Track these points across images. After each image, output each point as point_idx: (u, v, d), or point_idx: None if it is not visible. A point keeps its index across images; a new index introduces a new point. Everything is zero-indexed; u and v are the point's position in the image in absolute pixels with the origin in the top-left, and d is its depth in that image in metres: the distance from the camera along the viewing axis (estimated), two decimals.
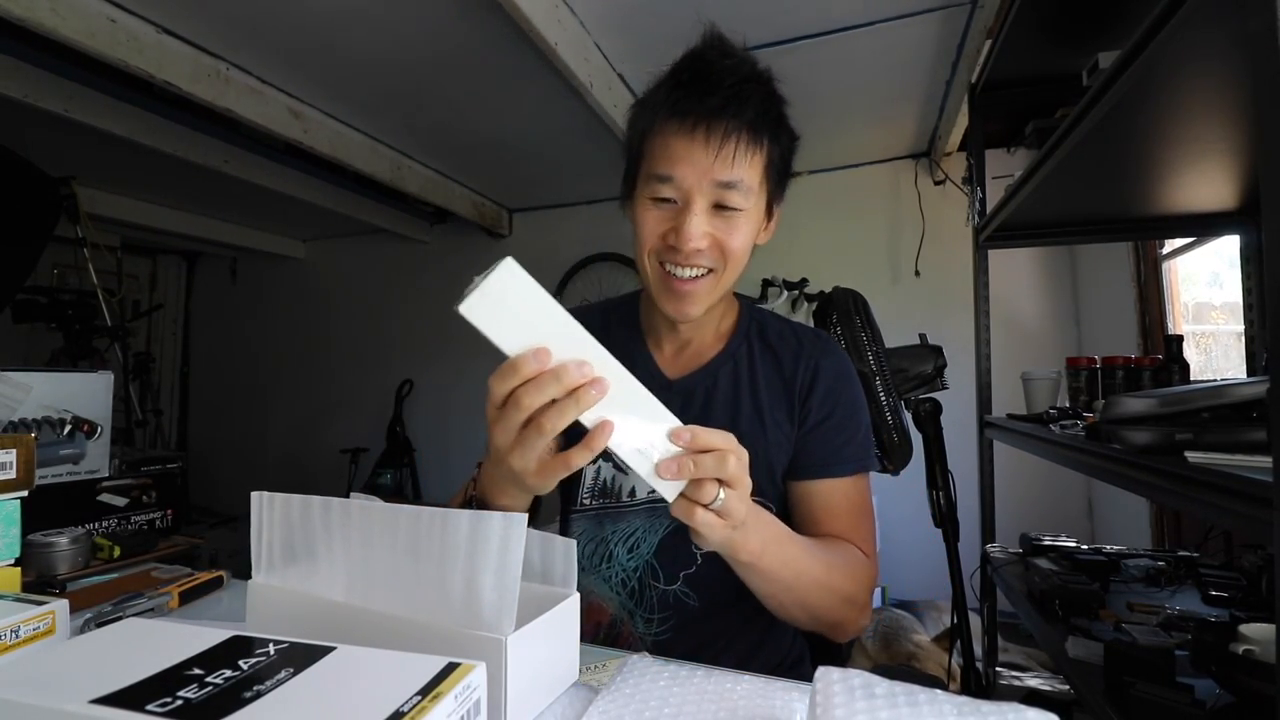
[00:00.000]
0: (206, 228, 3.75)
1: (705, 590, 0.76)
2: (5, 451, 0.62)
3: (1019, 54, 1.43)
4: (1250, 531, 0.61)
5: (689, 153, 0.65)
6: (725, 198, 0.66)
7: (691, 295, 0.70)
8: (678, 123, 0.66)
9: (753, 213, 0.69)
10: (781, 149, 0.70)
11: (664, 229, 0.68)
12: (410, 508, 0.44)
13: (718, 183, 0.65)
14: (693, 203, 0.66)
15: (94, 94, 2.14)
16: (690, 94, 0.65)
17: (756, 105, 0.66)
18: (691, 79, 0.66)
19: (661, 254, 0.69)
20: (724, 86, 0.64)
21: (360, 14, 1.74)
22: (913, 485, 1.55)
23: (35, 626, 0.48)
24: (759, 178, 0.68)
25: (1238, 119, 0.87)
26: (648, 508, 0.78)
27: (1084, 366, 1.39)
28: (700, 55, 0.68)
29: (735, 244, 0.68)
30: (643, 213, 0.69)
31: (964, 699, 0.36)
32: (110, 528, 0.95)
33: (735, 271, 0.71)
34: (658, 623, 0.77)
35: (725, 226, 0.68)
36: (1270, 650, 0.77)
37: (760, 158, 0.67)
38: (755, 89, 0.66)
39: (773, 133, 0.68)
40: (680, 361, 0.81)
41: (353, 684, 0.33)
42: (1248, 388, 0.76)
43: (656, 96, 0.69)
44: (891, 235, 2.90)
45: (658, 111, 0.68)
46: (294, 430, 4.24)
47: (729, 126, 0.64)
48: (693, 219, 0.66)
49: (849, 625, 0.69)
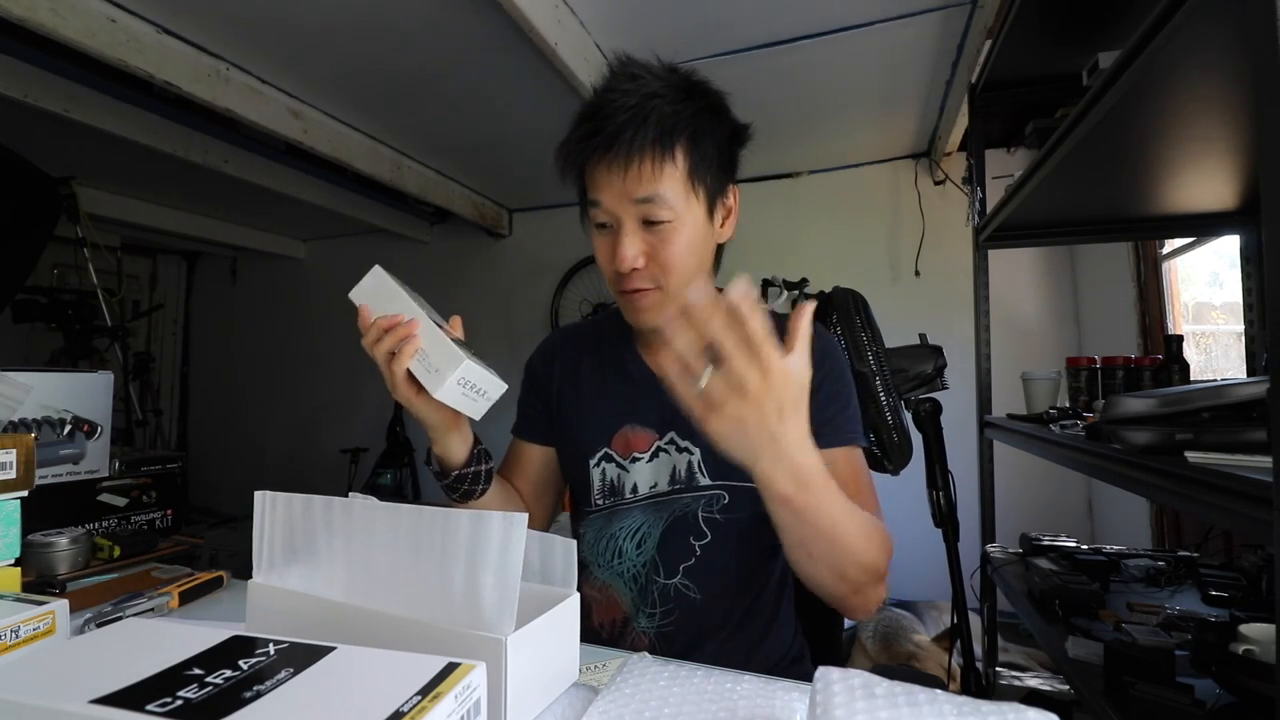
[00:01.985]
0: (206, 228, 3.75)
1: (705, 582, 0.77)
2: (5, 451, 0.62)
3: (1019, 54, 1.43)
4: (1250, 531, 0.61)
5: (605, 179, 0.69)
6: (649, 213, 0.69)
7: (642, 308, 0.73)
8: (591, 152, 0.70)
9: (684, 221, 0.70)
10: (704, 151, 0.71)
11: (610, 255, 0.72)
12: (411, 507, 0.45)
13: (636, 200, 0.68)
14: (622, 224, 0.70)
15: (94, 94, 2.14)
16: (594, 126, 0.69)
17: (660, 117, 0.68)
18: (593, 111, 0.70)
19: (614, 282, 0.74)
20: (625, 109, 0.68)
21: (360, 14, 1.74)
22: (913, 485, 1.56)
23: (35, 626, 0.48)
24: (680, 185, 0.70)
25: (1238, 119, 0.87)
26: (649, 503, 0.79)
27: (1084, 366, 1.39)
28: (606, 86, 0.71)
29: (670, 255, 0.70)
30: (594, 240, 0.75)
31: (964, 699, 0.36)
32: (110, 528, 0.95)
33: (682, 281, 0.72)
34: (660, 616, 0.78)
35: (658, 241, 0.70)
36: (1270, 650, 0.77)
37: (676, 167, 0.69)
38: (659, 103, 0.68)
39: (690, 139, 0.70)
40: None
41: (353, 684, 0.33)
42: (1248, 388, 0.76)
43: (570, 134, 0.73)
44: (891, 235, 2.90)
45: (571, 150, 0.72)
46: (294, 430, 4.24)
47: (631, 148, 0.67)
48: (624, 239, 0.70)
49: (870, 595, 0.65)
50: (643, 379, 0.82)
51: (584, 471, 0.83)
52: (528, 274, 3.57)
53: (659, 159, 0.68)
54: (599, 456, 0.81)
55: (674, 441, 0.78)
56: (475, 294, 3.69)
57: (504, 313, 3.62)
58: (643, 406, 0.80)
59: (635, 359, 0.84)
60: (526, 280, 3.57)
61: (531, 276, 3.55)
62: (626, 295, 0.74)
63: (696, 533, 0.77)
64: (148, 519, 1.00)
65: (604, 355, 0.86)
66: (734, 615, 0.78)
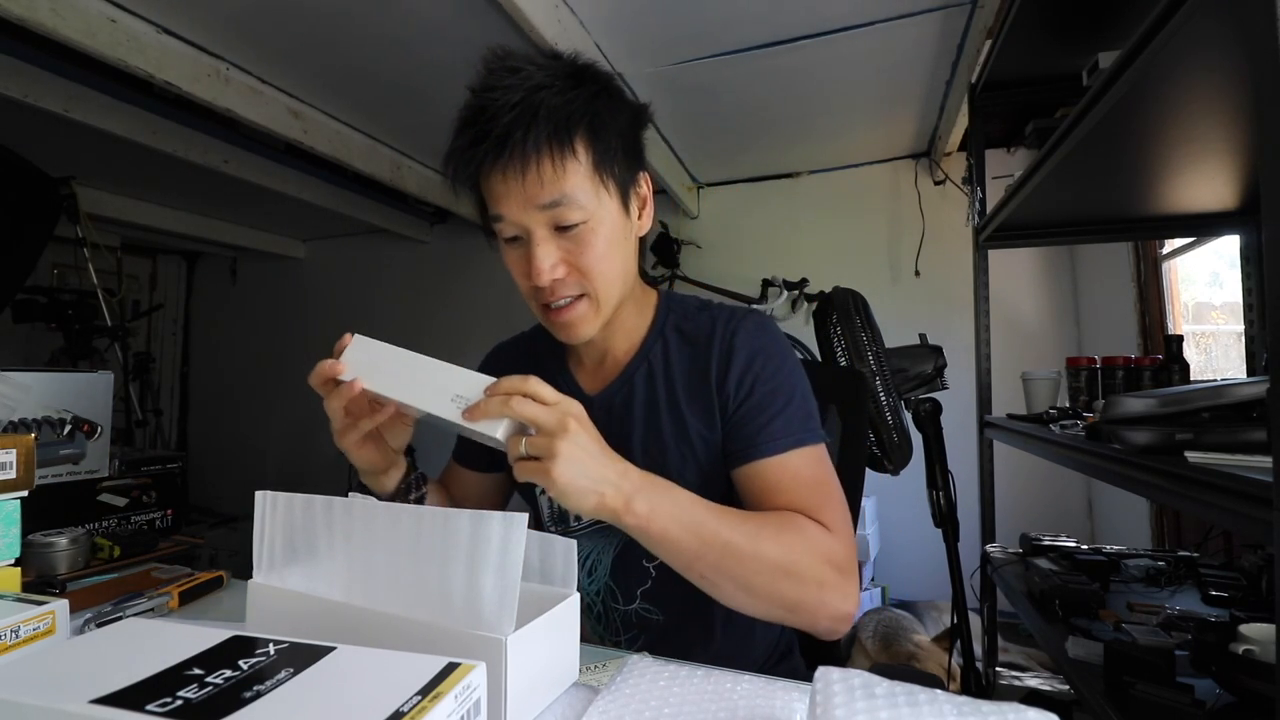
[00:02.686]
0: (206, 228, 3.74)
1: (666, 604, 0.74)
2: (5, 451, 0.62)
3: (1019, 54, 1.43)
4: (1250, 531, 0.61)
5: (503, 188, 0.63)
6: (558, 217, 0.63)
7: (570, 322, 0.68)
8: (481, 161, 0.63)
9: (600, 217, 0.65)
10: (605, 141, 0.64)
11: (525, 270, 0.66)
12: (411, 508, 0.45)
13: (541, 206, 0.62)
14: (531, 234, 0.64)
15: (94, 94, 2.14)
16: (478, 132, 0.62)
17: (550, 110, 0.61)
18: (474, 115, 0.62)
19: (535, 297, 0.68)
20: (508, 107, 0.60)
21: (360, 14, 1.74)
22: (913, 485, 1.56)
23: (35, 626, 0.48)
24: (587, 181, 0.63)
25: (1238, 119, 0.87)
26: (594, 530, 0.76)
27: (1084, 366, 1.39)
28: (483, 85, 0.64)
29: (590, 260, 0.65)
30: (505, 257, 0.69)
31: (964, 699, 0.36)
32: (110, 528, 0.95)
33: (609, 284, 0.67)
34: (625, 644, 0.76)
35: (573, 246, 0.64)
36: (1270, 650, 0.77)
37: (579, 162, 0.62)
38: (546, 95, 0.61)
39: (589, 129, 0.63)
40: (600, 375, 0.78)
41: (353, 684, 0.33)
42: (1248, 388, 0.76)
43: (453, 145, 0.65)
44: (891, 235, 2.90)
45: (459, 161, 0.65)
46: (294, 430, 4.23)
47: (525, 149, 0.60)
48: (536, 250, 0.63)
49: (812, 605, 0.59)
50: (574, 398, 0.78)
51: (531, 499, 0.81)
52: None
53: (559, 156, 0.61)
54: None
55: None
56: (475, 294, 3.68)
57: (504, 313, 3.62)
58: None
59: (569, 380, 0.79)
60: None
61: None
62: (552, 312, 0.68)
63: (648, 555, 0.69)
64: (148, 519, 1.00)
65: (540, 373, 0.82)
66: (703, 633, 0.74)
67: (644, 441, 0.73)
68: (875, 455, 1.32)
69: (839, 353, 1.33)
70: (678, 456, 0.71)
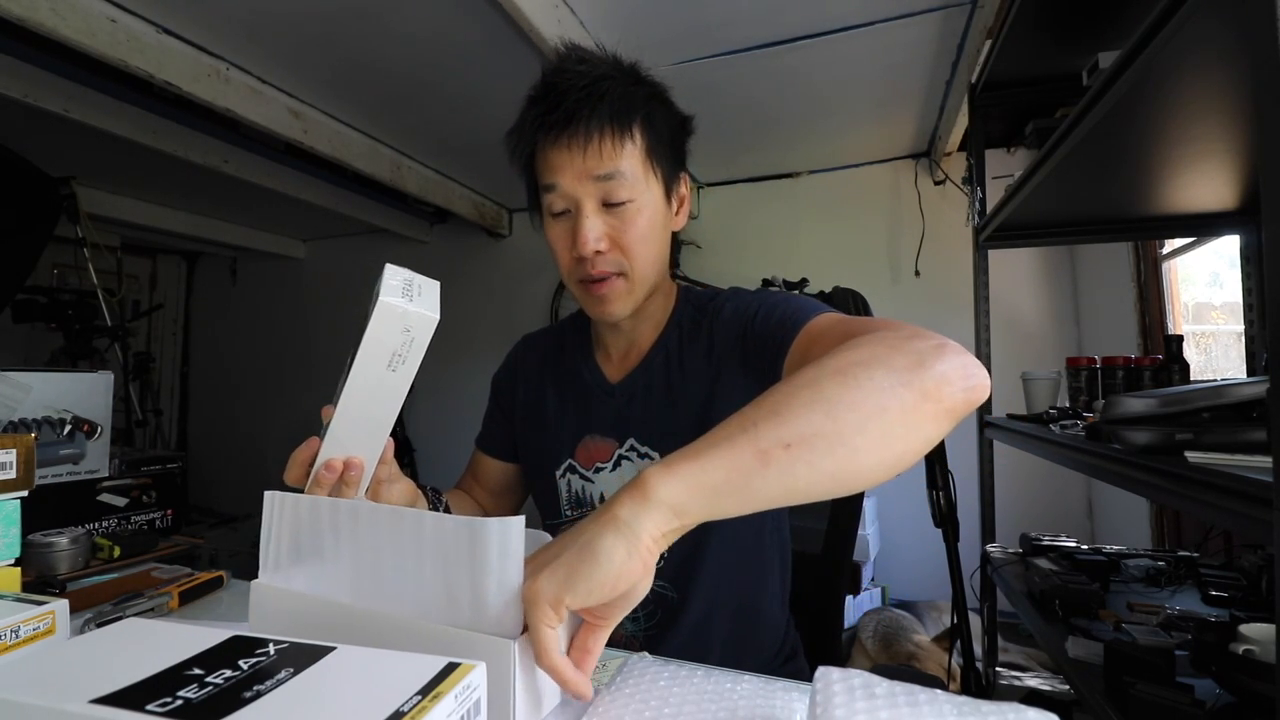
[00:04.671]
0: (206, 228, 3.74)
1: (681, 582, 0.76)
2: (5, 451, 0.62)
3: (1019, 54, 1.43)
4: (1250, 531, 0.61)
5: (562, 159, 0.67)
6: (609, 192, 0.67)
7: (608, 296, 0.71)
8: (544, 135, 0.68)
9: (645, 202, 0.69)
10: (659, 134, 0.71)
11: (569, 244, 0.70)
12: (413, 511, 0.45)
13: (596, 178, 0.67)
14: (581, 205, 0.68)
15: (94, 94, 2.14)
16: (548, 105, 0.67)
17: (615, 97, 0.67)
18: (546, 92, 0.68)
19: (575, 272, 0.72)
20: (577, 89, 0.66)
21: (360, 14, 1.74)
22: (913, 485, 1.55)
23: (35, 626, 0.48)
24: (639, 165, 0.69)
25: (1238, 119, 0.87)
26: None
27: (1084, 366, 1.39)
28: (555, 69, 0.70)
29: (632, 238, 0.69)
30: (549, 232, 0.72)
31: (964, 699, 0.36)
32: (110, 528, 0.95)
33: (646, 265, 0.71)
34: (644, 619, 0.77)
35: (619, 223, 0.69)
36: (1270, 650, 0.77)
37: (635, 145, 0.68)
38: (611, 84, 0.67)
39: (645, 119, 0.69)
40: (624, 364, 0.81)
41: (353, 684, 0.33)
42: (1248, 388, 0.76)
43: (522, 119, 0.71)
44: (891, 235, 2.90)
45: (525, 132, 0.70)
46: (294, 430, 4.20)
47: (590, 123, 0.66)
48: (585, 221, 0.67)
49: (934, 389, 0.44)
50: (599, 387, 0.80)
51: (550, 483, 0.82)
52: (528, 274, 3.57)
53: (618, 135, 0.67)
54: (563, 468, 0.81)
55: (634, 448, 0.77)
56: (475, 294, 3.69)
57: (504, 313, 3.62)
58: (600, 416, 0.79)
59: (593, 368, 0.82)
60: (526, 280, 3.57)
61: (531, 276, 3.55)
62: (588, 286, 0.71)
63: None
64: (148, 519, 1.00)
65: (564, 364, 0.85)
66: (716, 612, 0.76)
67: (663, 424, 0.75)
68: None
69: None
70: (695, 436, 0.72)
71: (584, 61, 0.69)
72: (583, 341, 0.85)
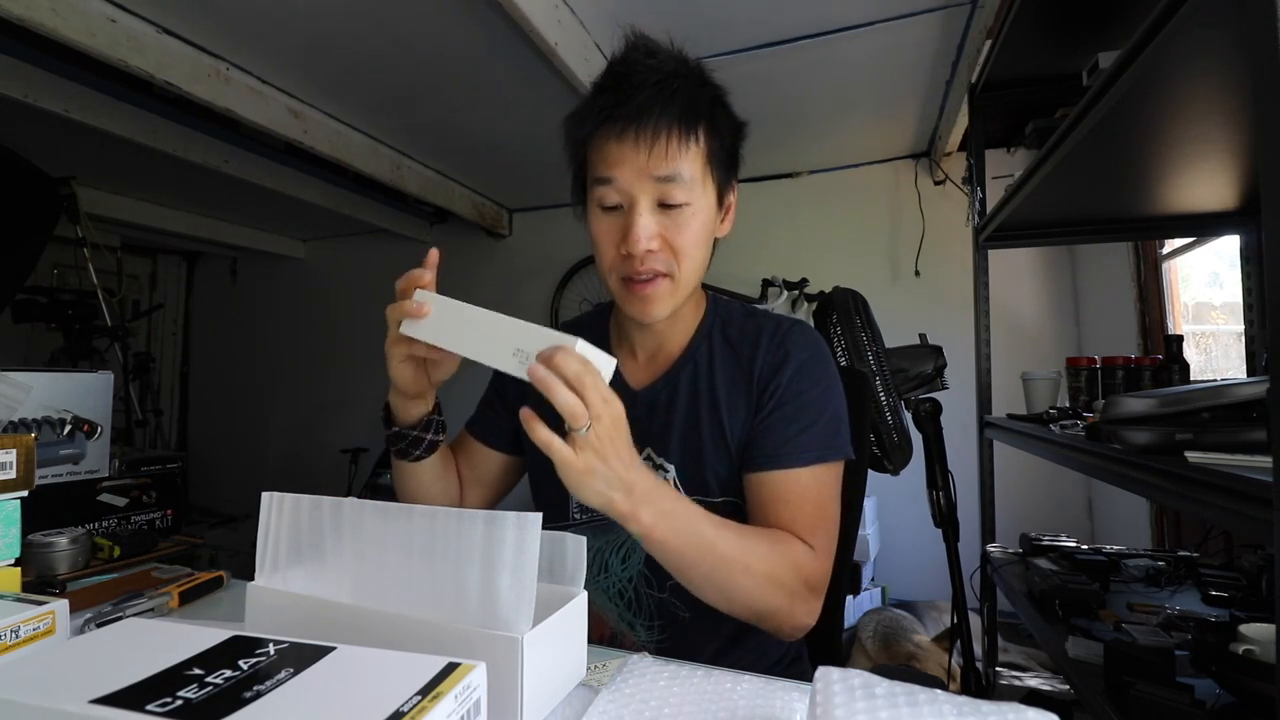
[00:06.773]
0: (206, 228, 3.74)
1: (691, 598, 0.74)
2: (5, 451, 0.62)
3: (1019, 54, 1.43)
4: (1250, 531, 0.61)
5: (624, 154, 0.66)
6: (667, 194, 0.66)
7: (652, 297, 0.70)
8: (608, 127, 0.66)
9: (700, 206, 0.69)
10: (721, 138, 0.70)
11: (617, 239, 0.68)
12: (425, 508, 0.44)
13: (657, 178, 0.66)
14: (637, 203, 0.67)
15: (94, 94, 2.14)
16: (617, 98, 0.66)
17: (684, 98, 0.66)
18: (616, 83, 0.67)
19: (619, 268, 0.70)
20: (648, 85, 0.65)
21: (360, 14, 1.74)
22: (913, 485, 1.56)
23: (35, 626, 0.48)
24: (699, 169, 0.68)
25: (1238, 119, 0.87)
26: None
27: (1084, 366, 1.39)
28: (623, 59, 0.69)
29: (685, 241, 0.68)
30: (595, 224, 0.71)
31: (964, 699, 0.36)
32: (110, 528, 0.95)
33: (693, 270, 0.71)
34: (658, 630, 0.77)
35: (673, 225, 0.68)
36: (1270, 650, 0.77)
37: (697, 149, 0.67)
38: (682, 83, 0.67)
39: (709, 122, 0.68)
40: (650, 370, 0.80)
41: (353, 684, 0.33)
42: (1248, 388, 0.76)
43: (587, 106, 0.69)
44: (891, 235, 2.90)
45: (588, 120, 0.68)
46: (294, 430, 4.24)
47: (659, 122, 0.65)
48: (639, 219, 0.66)
49: (782, 615, 0.65)
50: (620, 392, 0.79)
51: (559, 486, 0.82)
52: (528, 274, 3.57)
53: (684, 137, 0.66)
54: None
55: (650, 458, 0.76)
56: (475, 294, 3.63)
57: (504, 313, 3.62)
58: None
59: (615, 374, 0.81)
60: (526, 280, 3.57)
61: (531, 276, 3.55)
62: (633, 285, 0.69)
63: None
64: (148, 519, 1.00)
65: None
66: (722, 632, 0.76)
67: (682, 438, 0.75)
68: (875, 455, 1.32)
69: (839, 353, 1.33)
70: (713, 453, 0.74)
71: (653, 55, 0.68)
72: (602, 339, 0.83)
